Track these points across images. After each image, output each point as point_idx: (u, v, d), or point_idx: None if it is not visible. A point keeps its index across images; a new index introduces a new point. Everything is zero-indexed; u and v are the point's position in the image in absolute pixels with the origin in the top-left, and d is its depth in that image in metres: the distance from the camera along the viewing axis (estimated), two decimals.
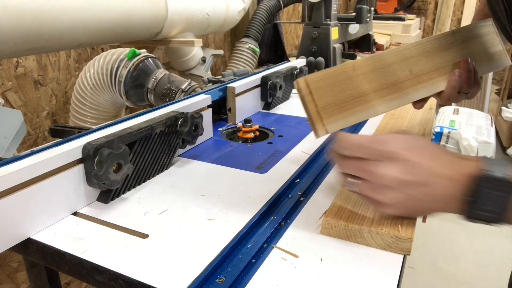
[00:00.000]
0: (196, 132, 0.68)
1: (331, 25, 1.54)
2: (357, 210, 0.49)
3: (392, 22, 2.55)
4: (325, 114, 0.52)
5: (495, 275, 1.80)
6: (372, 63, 0.56)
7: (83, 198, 0.53)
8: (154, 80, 0.92)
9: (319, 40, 1.56)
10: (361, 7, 1.61)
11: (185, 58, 1.27)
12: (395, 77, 0.57)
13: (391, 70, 0.57)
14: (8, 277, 1.04)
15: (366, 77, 0.55)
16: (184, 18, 1.14)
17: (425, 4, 3.68)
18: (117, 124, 0.60)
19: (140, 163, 0.59)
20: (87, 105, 0.99)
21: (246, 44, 1.51)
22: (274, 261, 0.44)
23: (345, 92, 0.53)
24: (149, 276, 0.40)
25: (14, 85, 1.01)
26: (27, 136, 1.05)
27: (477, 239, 2.06)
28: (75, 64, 1.17)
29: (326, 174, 0.64)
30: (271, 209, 0.54)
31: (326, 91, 0.53)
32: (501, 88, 3.24)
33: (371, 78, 0.55)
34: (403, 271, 0.43)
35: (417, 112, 0.89)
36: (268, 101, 0.98)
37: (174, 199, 0.56)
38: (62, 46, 0.89)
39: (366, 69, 0.55)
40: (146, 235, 0.47)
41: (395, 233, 0.45)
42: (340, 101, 0.53)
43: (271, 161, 0.68)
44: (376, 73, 0.56)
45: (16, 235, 0.45)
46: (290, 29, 2.48)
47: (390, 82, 0.57)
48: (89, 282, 0.44)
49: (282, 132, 0.83)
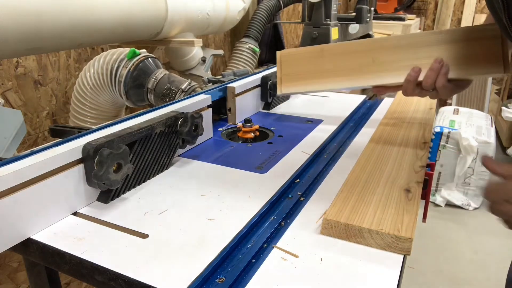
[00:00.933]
0: (196, 132, 0.68)
1: (331, 25, 1.54)
2: (357, 210, 0.49)
3: (392, 22, 2.55)
4: (284, 80, 0.73)
5: (495, 275, 1.80)
6: (340, 48, 0.69)
7: (83, 198, 0.53)
8: (154, 80, 0.92)
9: (319, 40, 1.56)
10: (361, 7, 1.61)
11: (185, 58, 1.27)
12: (357, 63, 0.67)
13: (355, 57, 0.67)
14: (8, 277, 1.04)
15: (331, 59, 0.69)
16: (184, 18, 1.14)
17: (425, 4, 3.68)
18: (117, 124, 0.60)
19: (140, 163, 0.59)
20: (87, 105, 0.99)
21: (246, 44, 1.51)
22: (274, 261, 0.44)
23: (305, 66, 0.70)
24: (149, 276, 0.40)
25: (14, 85, 1.01)
26: (27, 136, 1.05)
27: (477, 239, 2.06)
28: (75, 64, 1.17)
29: (326, 174, 0.64)
30: (271, 209, 0.54)
31: (291, 63, 0.72)
32: (501, 88, 3.24)
33: (334, 60, 0.68)
34: (403, 271, 0.43)
35: (417, 112, 0.89)
36: (268, 101, 0.98)
37: (174, 199, 0.56)
38: (62, 46, 0.89)
39: (334, 52, 0.69)
40: (146, 235, 0.47)
41: (395, 233, 0.45)
42: (298, 72, 0.71)
43: (271, 161, 0.68)
44: (340, 57, 0.68)
45: (16, 235, 0.45)
46: (290, 29, 2.48)
47: (351, 66, 0.68)
48: (89, 282, 0.44)
49: (282, 132, 0.83)
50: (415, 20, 2.86)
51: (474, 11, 3.56)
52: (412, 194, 0.53)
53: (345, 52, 0.68)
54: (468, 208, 2.33)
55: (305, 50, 0.72)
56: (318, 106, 1.01)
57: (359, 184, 0.56)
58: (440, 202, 2.36)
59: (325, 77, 0.69)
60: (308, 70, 0.71)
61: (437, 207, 2.35)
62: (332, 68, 0.69)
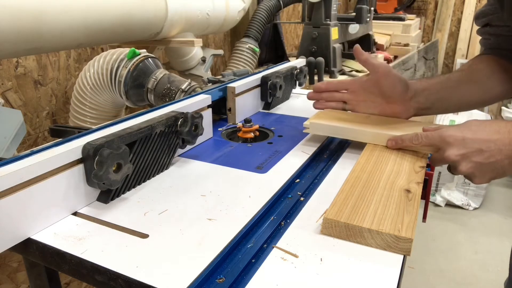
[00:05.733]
0: (196, 132, 0.68)
1: (331, 25, 1.54)
2: (357, 210, 0.49)
3: (392, 22, 2.55)
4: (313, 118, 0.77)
5: (495, 275, 1.80)
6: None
7: (83, 198, 0.53)
8: (154, 80, 0.92)
9: (319, 40, 1.56)
10: (361, 7, 1.61)
11: (185, 58, 1.27)
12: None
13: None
14: (8, 277, 1.04)
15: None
16: (184, 18, 1.14)
17: (425, 4, 3.68)
18: (117, 124, 0.60)
19: (140, 163, 0.59)
20: (87, 105, 0.99)
21: (246, 44, 1.51)
22: (274, 261, 0.44)
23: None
24: (149, 276, 0.40)
25: (14, 85, 1.01)
26: (27, 136, 1.05)
27: (477, 239, 2.06)
28: (75, 64, 1.17)
29: (326, 174, 0.64)
30: (271, 209, 0.54)
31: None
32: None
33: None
34: (403, 271, 0.43)
35: None
36: (268, 101, 0.98)
37: (174, 199, 0.56)
38: (62, 46, 0.89)
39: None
40: (146, 235, 0.47)
41: (395, 233, 0.45)
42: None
43: (271, 161, 0.68)
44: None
45: (16, 235, 0.45)
46: (290, 29, 2.48)
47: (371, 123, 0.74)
48: (89, 282, 0.44)
49: (282, 132, 0.83)
50: (415, 20, 2.86)
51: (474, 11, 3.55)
52: (412, 194, 0.53)
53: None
54: (468, 208, 2.33)
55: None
56: None
57: (359, 184, 0.56)
58: (440, 202, 2.36)
59: (347, 122, 0.73)
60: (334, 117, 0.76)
61: (437, 207, 2.35)
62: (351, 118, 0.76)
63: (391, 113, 0.76)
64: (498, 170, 0.57)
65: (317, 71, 1.36)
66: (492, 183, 2.53)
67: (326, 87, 0.81)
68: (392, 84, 0.72)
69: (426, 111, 0.76)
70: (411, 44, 2.44)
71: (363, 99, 0.77)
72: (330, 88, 0.81)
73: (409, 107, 0.74)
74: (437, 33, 3.59)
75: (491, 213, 2.29)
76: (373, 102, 0.76)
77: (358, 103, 0.78)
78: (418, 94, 0.74)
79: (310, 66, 1.35)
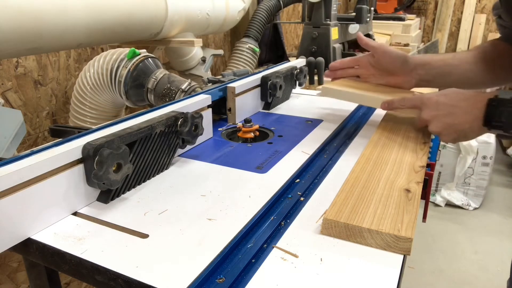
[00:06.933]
0: (196, 132, 0.68)
1: (331, 25, 1.54)
2: (357, 210, 0.49)
3: (392, 22, 2.55)
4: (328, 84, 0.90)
5: (495, 275, 1.80)
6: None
7: (83, 198, 0.53)
8: (154, 80, 0.92)
9: (319, 40, 1.56)
10: (361, 7, 1.61)
11: (185, 58, 1.27)
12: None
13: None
14: (8, 277, 1.04)
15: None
16: (184, 18, 1.14)
17: (425, 4, 3.68)
18: (117, 124, 0.60)
19: (140, 163, 0.59)
20: (87, 105, 0.99)
21: (246, 44, 1.51)
22: (274, 261, 0.44)
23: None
24: (149, 276, 0.40)
25: (14, 85, 1.01)
26: (27, 136, 1.05)
27: (477, 239, 2.06)
28: (75, 64, 1.17)
29: (326, 174, 0.64)
30: (271, 209, 0.54)
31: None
32: (501, 88, 3.24)
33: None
34: (403, 271, 0.44)
35: None
36: (268, 101, 0.98)
37: (174, 199, 0.56)
38: (62, 46, 0.89)
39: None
40: (146, 235, 0.47)
41: (395, 233, 0.45)
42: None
43: (271, 161, 0.68)
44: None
45: (16, 235, 0.45)
46: (290, 29, 2.48)
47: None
48: (89, 282, 0.44)
49: (282, 132, 0.83)
50: (415, 20, 2.86)
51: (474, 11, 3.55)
52: (412, 194, 0.53)
53: None
54: (468, 208, 2.33)
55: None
56: (318, 106, 1.01)
57: (359, 184, 0.56)
58: (440, 202, 2.36)
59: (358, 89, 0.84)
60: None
61: (437, 207, 2.35)
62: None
63: (395, 83, 0.86)
64: (460, 133, 0.66)
65: (317, 71, 1.36)
66: (492, 183, 2.53)
67: (340, 65, 0.91)
68: (390, 60, 0.84)
69: (428, 84, 0.86)
70: (411, 44, 2.44)
71: (372, 73, 0.88)
72: (344, 65, 0.91)
73: (410, 78, 0.84)
74: (437, 33, 3.59)
75: (491, 213, 2.29)
76: (380, 75, 0.88)
77: (369, 76, 0.89)
78: (419, 67, 0.83)
79: (310, 66, 1.35)
